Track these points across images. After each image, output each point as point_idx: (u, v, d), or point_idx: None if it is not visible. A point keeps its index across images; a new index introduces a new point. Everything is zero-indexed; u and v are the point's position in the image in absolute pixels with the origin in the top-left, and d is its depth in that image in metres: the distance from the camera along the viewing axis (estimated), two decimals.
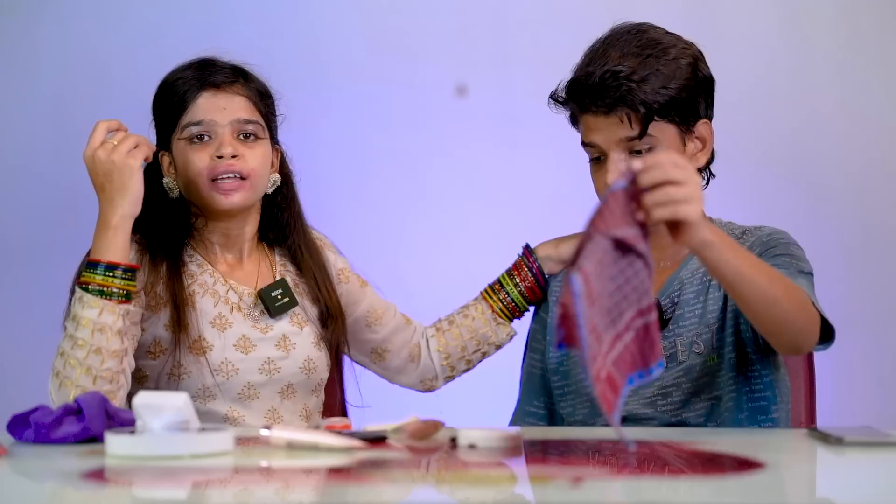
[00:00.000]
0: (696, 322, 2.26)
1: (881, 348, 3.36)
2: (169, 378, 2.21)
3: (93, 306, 2.09)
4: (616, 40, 2.26)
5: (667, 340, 2.26)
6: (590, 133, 2.25)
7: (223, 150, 2.23)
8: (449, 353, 2.46)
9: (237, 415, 2.23)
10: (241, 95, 2.27)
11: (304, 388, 2.30)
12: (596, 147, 2.25)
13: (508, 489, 1.61)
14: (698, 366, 2.25)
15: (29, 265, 3.33)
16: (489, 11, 3.44)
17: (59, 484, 1.65)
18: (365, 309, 2.43)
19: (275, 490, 1.58)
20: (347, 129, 3.42)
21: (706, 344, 2.24)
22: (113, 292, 2.10)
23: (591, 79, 2.22)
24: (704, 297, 2.27)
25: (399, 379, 2.49)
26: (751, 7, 3.42)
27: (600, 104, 2.21)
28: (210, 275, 2.28)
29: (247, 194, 2.25)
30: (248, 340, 2.25)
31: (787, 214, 3.33)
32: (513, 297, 2.45)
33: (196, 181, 2.24)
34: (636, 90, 2.20)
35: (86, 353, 2.07)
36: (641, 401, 2.26)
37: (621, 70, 2.21)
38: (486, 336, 2.46)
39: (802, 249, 2.26)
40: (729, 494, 1.52)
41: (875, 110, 3.38)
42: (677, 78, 2.23)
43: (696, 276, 2.29)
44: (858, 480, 1.67)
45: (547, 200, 3.33)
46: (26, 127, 3.37)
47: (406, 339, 2.47)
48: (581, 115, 2.27)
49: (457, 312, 2.49)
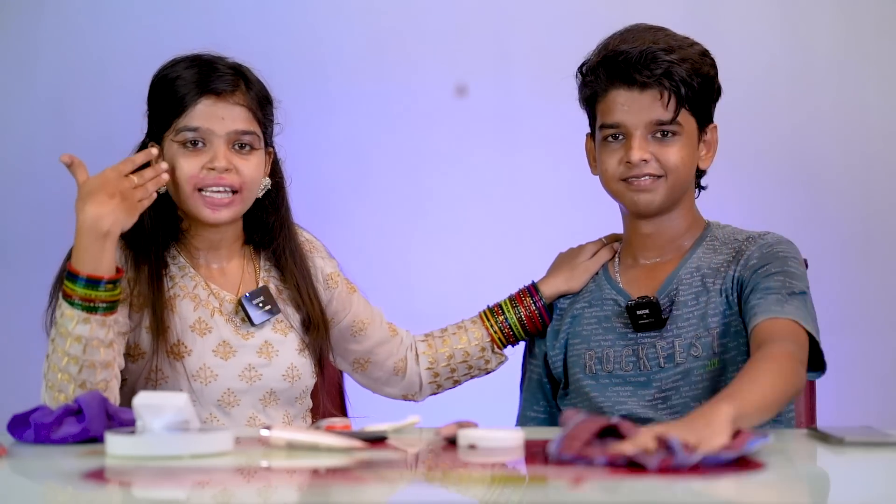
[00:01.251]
0: (696, 324, 2.25)
1: (881, 348, 3.36)
2: (146, 382, 2.18)
3: (82, 322, 2.03)
4: (643, 30, 2.27)
5: (665, 341, 2.26)
6: (617, 111, 2.24)
7: (216, 164, 2.19)
8: (438, 371, 2.44)
9: (217, 422, 2.20)
10: (241, 105, 2.22)
11: (287, 396, 2.27)
12: (621, 127, 2.24)
13: (508, 489, 1.61)
14: (696, 369, 2.24)
15: (29, 265, 3.32)
16: (489, 11, 3.44)
17: (59, 484, 1.65)
18: (350, 318, 2.39)
19: (274, 490, 1.57)
20: (347, 130, 3.42)
21: (706, 348, 2.23)
22: (98, 306, 2.04)
23: (632, 52, 2.22)
24: (705, 299, 2.26)
25: (382, 390, 2.46)
26: (751, 7, 3.42)
27: (639, 78, 2.21)
28: (191, 278, 2.25)
29: (236, 208, 2.22)
30: (228, 346, 2.22)
31: (787, 214, 3.34)
32: (511, 323, 2.43)
33: (182, 187, 2.20)
34: (677, 68, 2.22)
35: (78, 368, 2.02)
36: (642, 402, 2.25)
37: (665, 48, 2.22)
38: (479, 363, 2.45)
39: (801, 262, 2.25)
40: (729, 494, 1.52)
41: (875, 110, 3.39)
42: (704, 73, 2.26)
43: (696, 276, 2.29)
44: (858, 480, 1.67)
45: (546, 200, 3.33)
46: (26, 127, 3.37)
47: (391, 351, 2.43)
48: (608, 92, 2.25)
49: (452, 332, 2.45)
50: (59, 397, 2.02)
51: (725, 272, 2.26)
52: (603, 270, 2.40)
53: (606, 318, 2.33)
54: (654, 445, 1.61)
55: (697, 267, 2.29)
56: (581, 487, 1.51)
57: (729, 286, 2.24)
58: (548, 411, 2.41)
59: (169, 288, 2.22)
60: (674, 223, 2.32)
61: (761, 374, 1.95)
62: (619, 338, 2.30)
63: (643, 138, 2.23)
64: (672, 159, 2.25)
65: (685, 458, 1.59)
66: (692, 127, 2.27)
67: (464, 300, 2.53)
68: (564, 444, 1.65)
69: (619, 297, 2.33)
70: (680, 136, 2.25)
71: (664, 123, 2.23)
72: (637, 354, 2.27)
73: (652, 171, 2.24)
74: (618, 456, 1.61)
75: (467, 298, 2.52)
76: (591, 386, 2.29)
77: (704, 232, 2.34)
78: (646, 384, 2.26)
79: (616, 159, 2.25)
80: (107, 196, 2.04)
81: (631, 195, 2.27)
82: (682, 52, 2.24)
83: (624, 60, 2.22)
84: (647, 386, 2.26)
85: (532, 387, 2.44)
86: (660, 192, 2.26)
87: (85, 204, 2.04)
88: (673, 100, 2.23)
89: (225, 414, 2.21)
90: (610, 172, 2.27)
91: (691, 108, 2.25)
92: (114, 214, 2.04)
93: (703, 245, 2.32)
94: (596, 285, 2.38)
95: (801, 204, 3.37)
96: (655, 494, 1.51)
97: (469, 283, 2.63)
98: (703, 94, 2.27)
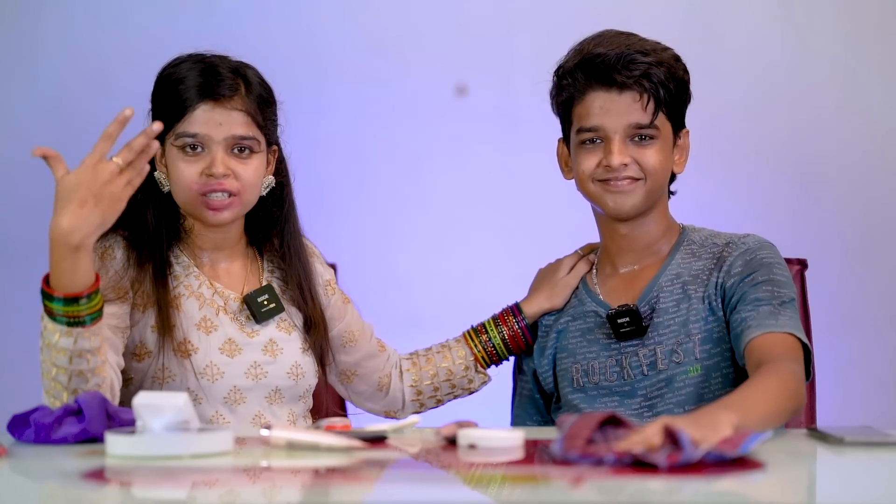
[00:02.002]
0: (677, 330, 2.25)
1: (881, 348, 3.37)
2: (153, 381, 2.18)
3: (65, 335, 1.96)
4: (615, 34, 2.27)
5: (647, 349, 2.26)
6: (595, 115, 2.24)
7: (214, 170, 2.18)
8: (421, 390, 2.44)
9: (223, 420, 2.21)
10: (239, 110, 2.21)
11: (292, 394, 2.27)
12: (599, 131, 2.24)
13: (509, 489, 1.61)
14: (679, 376, 2.24)
15: (29, 265, 3.32)
16: (489, 11, 3.44)
17: (59, 484, 1.65)
18: (343, 328, 2.39)
19: (274, 490, 1.57)
20: (347, 129, 3.42)
21: (687, 354, 2.23)
22: (84, 320, 1.96)
23: (610, 54, 2.22)
24: (687, 306, 2.25)
25: (364, 404, 2.46)
26: (751, 7, 3.42)
27: (619, 78, 2.21)
28: (196, 277, 2.25)
29: (235, 210, 2.22)
30: (234, 344, 2.23)
31: (787, 214, 3.34)
32: (494, 343, 2.43)
33: (186, 192, 2.20)
34: (655, 70, 2.22)
35: (68, 377, 1.99)
36: (629, 412, 2.26)
37: (641, 51, 2.22)
38: (462, 383, 2.45)
39: (785, 265, 2.25)
40: (729, 494, 1.52)
41: (875, 110, 3.39)
42: (679, 77, 2.27)
43: (676, 283, 2.28)
44: (858, 480, 1.67)
45: (546, 200, 3.33)
46: (26, 127, 3.37)
47: (377, 367, 2.43)
48: (586, 95, 2.25)
49: (436, 350, 2.46)
50: (55, 403, 2.01)
51: (707, 279, 2.25)
52: (582, 283, 2.39)
53: (589, 329, 2.32)
54: (659, 440, 1.61)
55: (678, 274, 2.29)
56: (581, 487, 1.51)
57: (712, 293, 2.24)
58: (542, 424, 2.42)
59: (174, 287, 2.23)
60: (649, 227, 2.31)
61: (767, 389, 1.96)
62: (602, 349, 2.30)
63: (622, 142, 2.23)
64: (651, 162, 2.24)
65: (692, 452, 1.58)
66: (668, 131, 2.27)
67: (463, 300, 2.53)
68: (567, 444, 1.64)
69: (600, 308, 2.32)
70: (657, 140, 2.25)
71: (643, 127, 2.23)
72: (620, 364, 2.27)
73: (632, 174, 2.23)
74: (625, 453, 1.60)
75: (466, 298, 2.53)
76: (581, 398, 2.29)
77: (681, 237, 2.34)
78: (631, 393, 2.26)
79: (594, 162, 2.24)
80: (77, 204, 1.91)
81: (609, 196, 2.25)
82: (657, 56, 2.24)
83: (602, 62, 2.22)
84: (633, 395, 2.26)
85: (524, 403, 2.44)
86: (638, 194, 2.25)
87: (56, 214, 1.92)
88: (651, 102, 2.22)
89: (231, 411, 2.22)
90: (587, 174, 2.25)
91: (667, 111, 2.25)
92: (85, 225, 1.92)
93: (682, 250, 2.31)
94: (577, 299, 2.37)
95: (801, 204, 3.37)
96: (655, 494, 1.51)
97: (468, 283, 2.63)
98: (678, 99, 2.27)
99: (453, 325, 2.51)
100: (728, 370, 2.23)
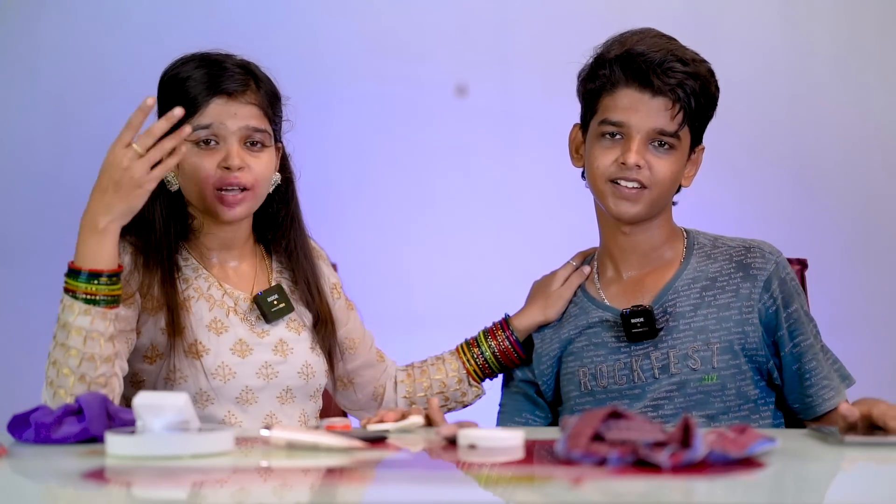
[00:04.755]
0: (692, 336, 2.25)
1: (881, 348, 3.37)
2: (165, 382, 2.19)
3: (83, 314, 2.03)
4: (657, 35, 2.26)
5: (659, 352, 2.25)
6: (622, 111, 2.23)
7: (231, 162, 2.19)
8: (414, 401, 2.44)
9: (235, 420, 2.21)
10: (252, 104, 2.22)
11: (303, 393, 2.28)
12: (623, 128, 2.23)
13: (509, 489, 1.61)
14: (693, 382, 2.23)
15: (29, 265, 3.33)
16: (489, 11, 3.44)
17: (59, 484, 1.65)
18: (345, 333, 2.39)
19: (274, 490, 1.58)
20: (348, 129, 3.42)
21: (705, 362, 2.23)
22: (99, 300, 2.04)
23: (653, 56, 2.21)
24: (705, 312, 2.25)
25: (358, 414, 2.46)
26: (751, 7, 3.42)
27: (656, 82, 2.20)
28: (205, 279, 2.26)
29: (249, 205, 2.23)
30: (245, 344, 2.23)
31: (787, 214, 3.34)
32: (486, 357, 2.43)
33: (201, 187, 2.21)
34: (690, 82, 2.22)
35: (78, 360, 2.03)
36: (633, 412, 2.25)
37: (681, 59, 2.22)
38: (456, 395, 2.45)
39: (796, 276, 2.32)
40: (729, 494, 1.52)
41: (874, 110, 3.39)
42: (710, 92, 2.26)
43: (694, 287, 2.28)
44: (858, 480, 1.67)
45: (547, 199, 3.33)
46: (26, 127, 3.37)
47: (374, 377, 2.43)
48: (618, 90, 2.23)
49: (431, 363, 2.45)
50: (59, 392, 2.02)
51: (737, 289, 2.25)
52: (582, 293, 2.36)
53: (596, 334, 2.31)
54: (856, 418, 1.79)
55: (695, 278, 2.28)
56: (581, 487, 1.51)
57: (744, 304, 2.24)
58: (532, 414, 2.40)
59: (183, 290, 2.23)
60: (652, 232, 2.31)
61: None
62: (611, 352, 2.28)
63: (643, 143, 2.22)
64: (663, 172, 2.23)
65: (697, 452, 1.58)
66: (686, 144, 2.26)
67: (463, 300, 2.53)
68: (571, 443, 1.64)
69: (607, 314, 2.31)
70: (675, 150, 2.24)
71: (666, 134, 2.22)
72: (630, 367, 2.26)
73: (642, 178, 2.22)
74: (628, 451, 1.60)
75: (466, 298, 2.53)
76: (589, 402, 2.28)
77: (689, 240, 2.34)
78: (640, 396, 2.26)
79: (610, 158, 2.23)
80: (99, 191, 2.03)
81: (614, 200, 2.24)
82: (695, 67, 2.23)
83: (644, 62, 2.21)
84: (641, 398, 2.25)
85: (519, 406, 2.42)
86: (641, 203, 2.24)
87: (90, 196, 2.05)
88: (681, 112, 2.22)
89: (243, 411, 2.22)
90: (601, 170, 2.24)
91: (692, 124, 2.24)
92: (109, 211, 2.03)
93: (695, 254, 2.31)
94: (579, 309, 2.35)
95: (801, 204, 3.37)
96: (655, 494, 1.51)
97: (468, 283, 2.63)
98: (705, 113, 2.26)
99: (453, 325, 2.51)
100: (742, 381, 2.23)
